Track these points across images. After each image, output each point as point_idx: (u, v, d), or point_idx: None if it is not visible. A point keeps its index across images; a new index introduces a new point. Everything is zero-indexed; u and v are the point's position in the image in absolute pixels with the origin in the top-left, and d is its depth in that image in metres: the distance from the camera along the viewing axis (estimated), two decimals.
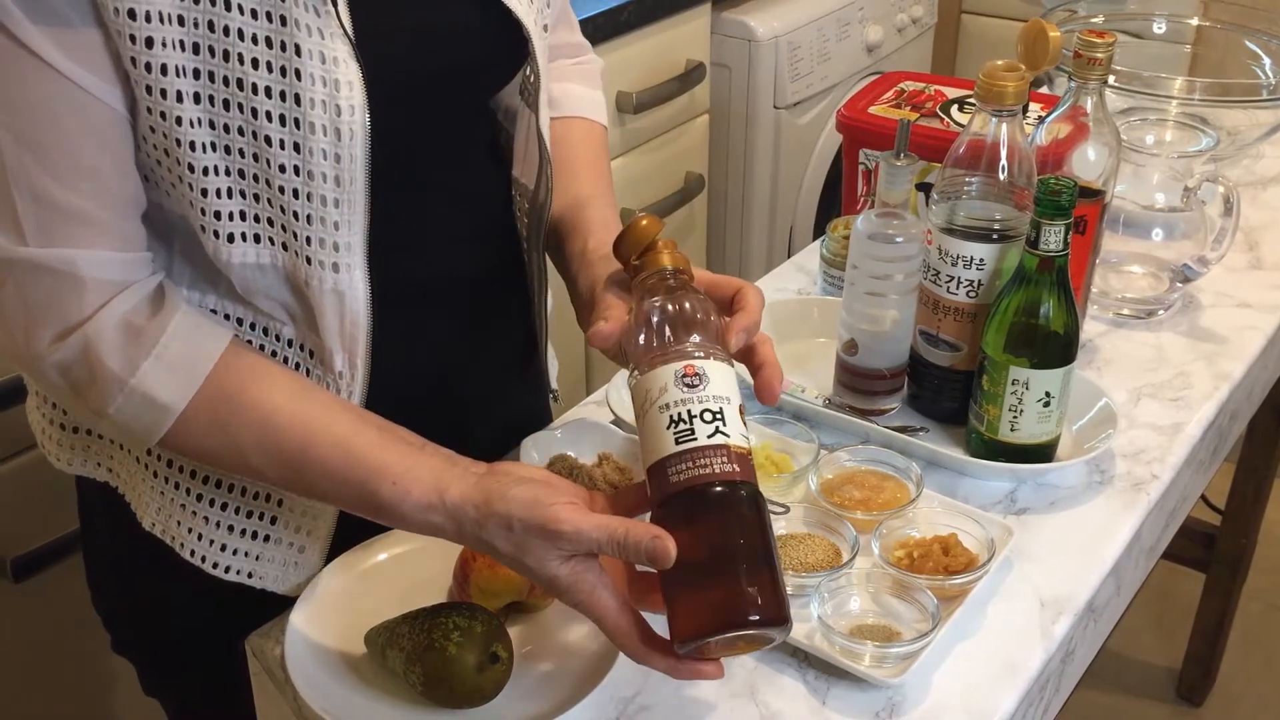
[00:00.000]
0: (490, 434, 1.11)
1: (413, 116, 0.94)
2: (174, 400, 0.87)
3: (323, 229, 0.88)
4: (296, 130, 0.85)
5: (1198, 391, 1.26)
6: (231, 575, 1.01)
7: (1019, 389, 1.08)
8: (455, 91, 0.99)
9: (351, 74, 0.85)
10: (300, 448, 0.87)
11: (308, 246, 0.89)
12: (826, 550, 1.01)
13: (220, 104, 0.84)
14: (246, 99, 0.84)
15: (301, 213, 0.87)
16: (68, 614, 1.56)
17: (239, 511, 1.00)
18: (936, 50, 2.90)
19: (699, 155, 2.36)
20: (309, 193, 0.87)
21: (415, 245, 0.99)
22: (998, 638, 0.97)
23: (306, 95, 0.84)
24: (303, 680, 0.90)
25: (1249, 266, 1.49)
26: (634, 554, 0.79)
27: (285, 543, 1.01)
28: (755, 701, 0.92)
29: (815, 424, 1.18)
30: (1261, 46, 1.80)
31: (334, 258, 0.90)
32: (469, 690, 0.88)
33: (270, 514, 1.00)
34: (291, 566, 1.02)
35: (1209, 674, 2.28)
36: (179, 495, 1.00)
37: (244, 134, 0.85)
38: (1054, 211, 1.04)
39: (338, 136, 0.86)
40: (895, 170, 1.11)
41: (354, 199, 0.88)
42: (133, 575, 1.11)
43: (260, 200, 0.87)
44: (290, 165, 0.86)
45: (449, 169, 1.02)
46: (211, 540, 1.00)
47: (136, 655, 1.18)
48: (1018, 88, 1.08)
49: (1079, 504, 1.11)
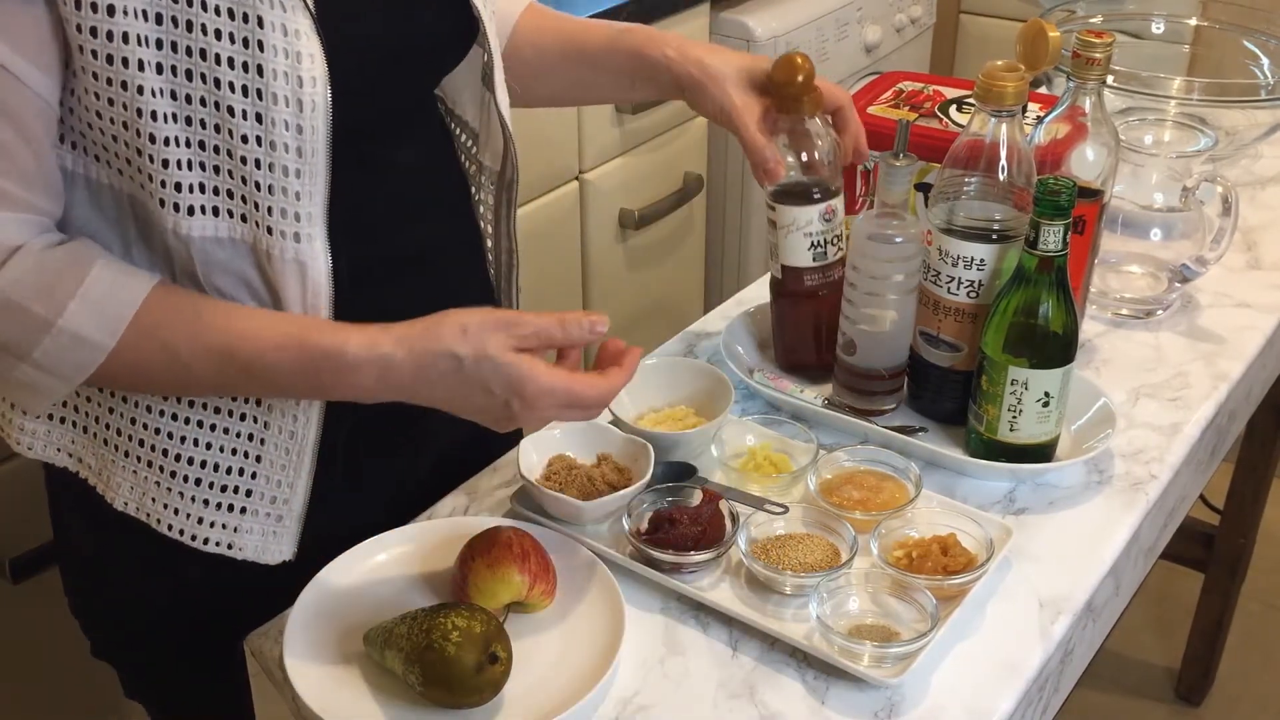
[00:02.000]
0: None
1: (370, 92, 0.95)
2: (103, 339, 0.88)
3: (284, 199, 0.89)
4: (259, 101, 0.86)
5: (1196, 391, 1.26)
6: (211, 546, 1.01)
7: (1018, 389, 1.08)
8: (411, 69, 1.02)
9: (313, 47, 0.87)
10: (234, 336, 0.90)
11: (269, 216, 0.90)
12: (825, 550, 1.01)
13: (183, 74, 0.85)
14: (210, 69, 0.85)
15: (263, 183, 0.89)
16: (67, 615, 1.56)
17: (213, 486, 1.00)
18: (935, 50, 2.90)
19: (697, 156, 2.36)
20: (270, 163, 0.88)
21: (374, 223, 1.00)
22: (997, 638, 0.97)
23: (269, 66, 0.85)
24: (301, 681, 0.90)
25: (1247, 266, 1.49)
26: (575, 329, 0.90)
27: (262, 513, 1.01)
28: (754, 701, 0.92)
29: (814, 424, 1.18)
30: (1260, 46, 1.80)
31: (295, 227, 0.91)
32: (468, 690, 0.88)
33: (245, 487, 1.00)
34: (270, 536, 1.02)
35: (1208, 674, 2.28)
36: (151, 473, 1.00)
37: (206, 104, 0.86)
38: (1053, 211, 1.04)
39: (300, 107, 0.87)
40: (894, 170, 1.11)
41: (315, 170, 0.90)
42: (108, 578, 1.11)
43: (221, 172, 0.88)
44: (252, 136, 0.87)
45: (404, 147, 1.04)
46: (188, 514, 1.00)
47: (115, 659, 1.18)
48: (1017, 88, 1.08)
49: (1078, 504, 1.11)
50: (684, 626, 0.98)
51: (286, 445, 0.99)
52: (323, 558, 1.00)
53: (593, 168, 2.12)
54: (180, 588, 1.06)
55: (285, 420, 0.98)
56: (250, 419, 0.98)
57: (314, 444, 0.99)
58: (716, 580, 1.01)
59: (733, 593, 1.00)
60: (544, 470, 1.09)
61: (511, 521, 1.03)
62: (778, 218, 1.18)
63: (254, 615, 0.99)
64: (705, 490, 1.05)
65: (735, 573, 1.02)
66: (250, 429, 0.99)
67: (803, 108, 1.14)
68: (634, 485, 1.05)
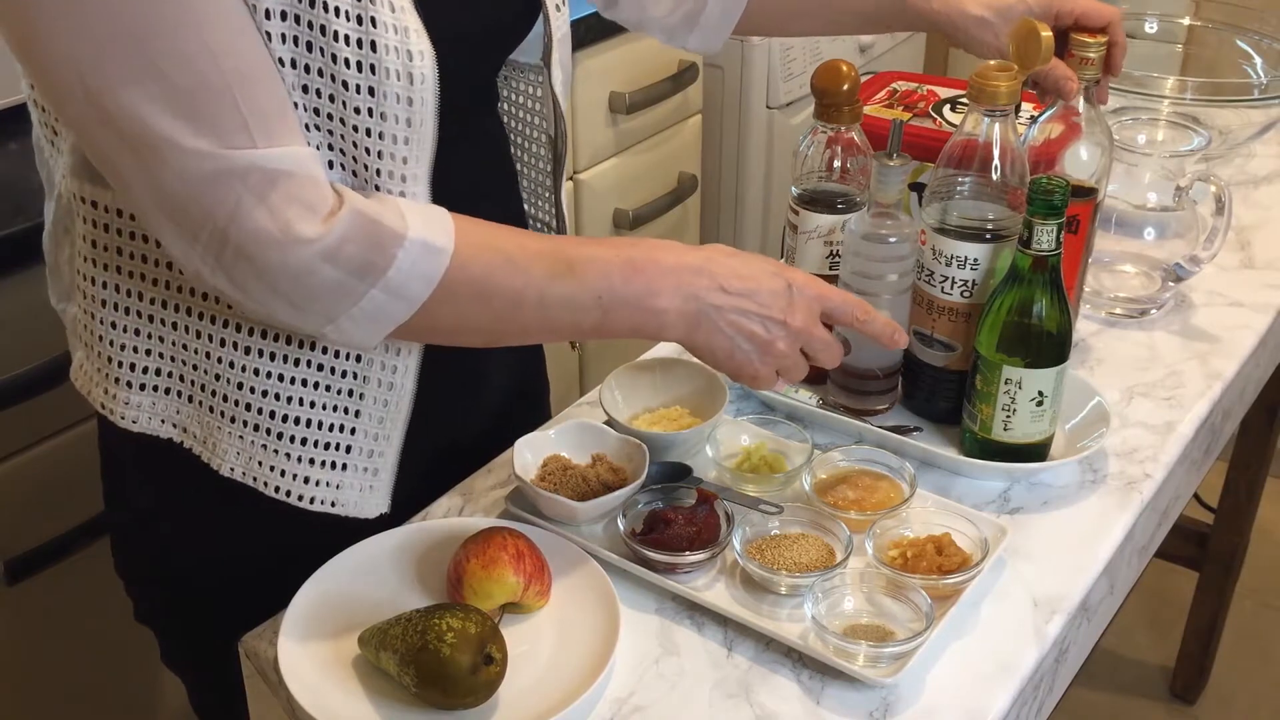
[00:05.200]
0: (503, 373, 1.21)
1: (458, 71, 0.97)
2: (446, 242, 0.91)
3: (392, 163, 0.92)
4: (372, 75, 0.89)
5: (1190, 390, 1.26)
6: (317, 505, 1.03)
7: (1012, 388, 1.08)
8: (482, 49, 1.07)
9: (417, 23, 0.91)
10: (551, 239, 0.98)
11: (377, 177, 0.93)
12: (820, 550, 1.01)
13: (304, 46, 0.87)
14: (328, 44, 0.87)
15: (374, 149, 0.91)
16: (62, 617, 1.56)
17: (316, 445, 1.02)
18: (929, 50, 2.91)
19: (692, 155, 2.36)
20: (381, 131, 0.91)
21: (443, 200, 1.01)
22: (991, 637, 0.98)
23: (381, 42, 0.88)
24: (296, 682, 0.90)
25: (1241, 265, 1.50)
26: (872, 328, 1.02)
27: (359, 468, 1.04)
28: (749, 702, 0.92)
29: (809, 424, 1.18)
30: (1253, 46, 1.80)
31: (401, 187, 0.93)
32: (463, 691, 0.88)
33: (345, 443, 1.02)
34: (367, 490, 1.04)
35: (1202, 672, 2.29)
36: (259, 436, 1.01)
37: (323, 75, 0.89)
38: (1047, 211, 1.04)
39: (410, 81, 0.90)
40: (888, 170, 1.11)
41: (423, 138, 0.93)
42: (163, 539, 1.13)
43: (334, 135, 0.91)
44: (365, 108, 0.90)
45: (472, 125, 1.09)
46: (294, 474, 1.02)
47: (160, 623, 1.19)
48: (1010, 87, 1.08)
49: (1072, 503, 1.11)
50: (679, 627, 0.99)
51: (385, 397, 1.02)
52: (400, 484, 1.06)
53: (587, 168, 2.12)
54: (234, 550, 1.09)
55: (385, 373, 1.01)
56: (350, 374, 1.01)
57: (410, 394, 1.03)
58: (711, 580, 1.01)
59: (728, 593, 1.00)
60: (539, 471, 1.09)
61: (506, 522, 1.03)
62: (800, 222, 1.19)
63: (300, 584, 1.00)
64: (700, 490, 1.05)
65: (730, 573, 1.02)
66: (350, 384, 1.01)
67: (844, 117, 1.15)
68: (629, 486, 1.05)
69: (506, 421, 1.20)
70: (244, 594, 1.04)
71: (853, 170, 1.17)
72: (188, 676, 1.23)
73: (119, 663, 1.64)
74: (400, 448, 1.05)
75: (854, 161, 1.17)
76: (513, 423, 1.17)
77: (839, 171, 1.17)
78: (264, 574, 1.03)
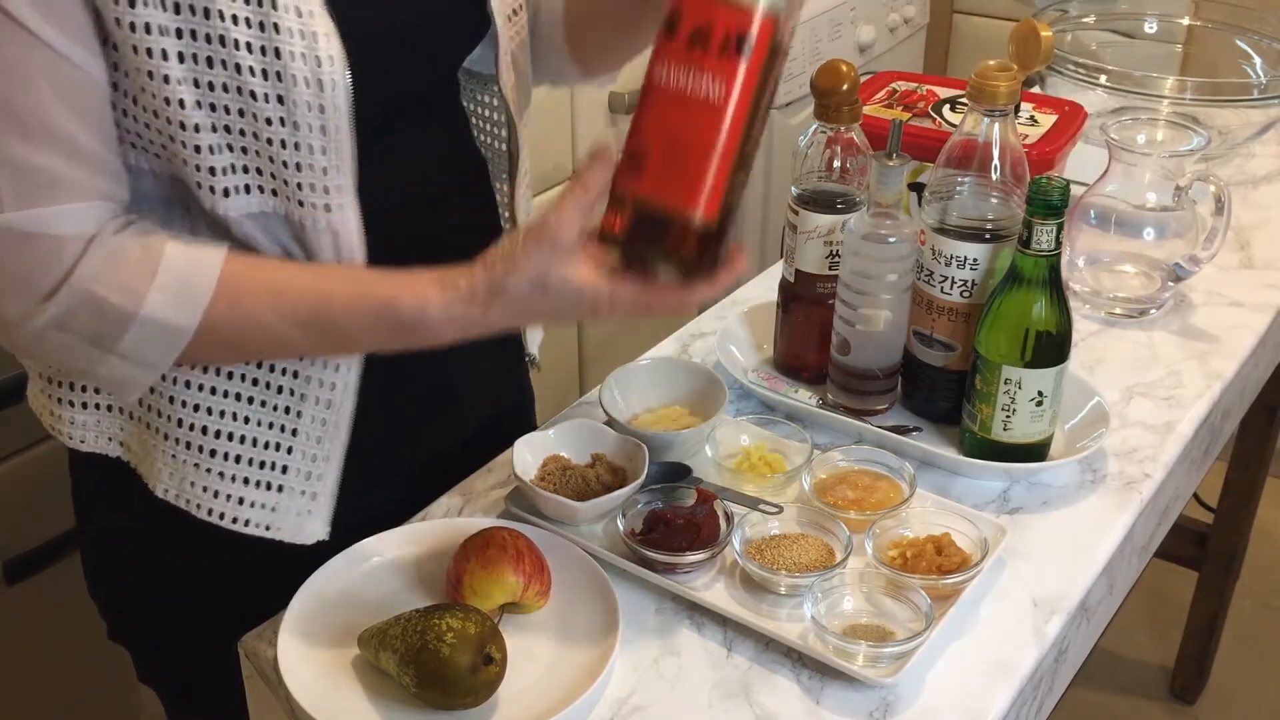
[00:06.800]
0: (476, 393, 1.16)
1: (386, 74, 0.95)
2: (187, 322, 0.88)
3: (312, 174, 0.91)
4: (279, 83, 0.87)
5: (1190, 390, 1.26)
6: (250, 529, 1.02)
7: (1012, 388, 1.08)
8: (424, 51, 1.02)
9: (326, 26, 0.88)
10: (319, 300, 0.91)
11: (299, 191, 0.91)
12: (820, 550, 1.01)
13: (204, 61, 0.85)
14: (229, 55, 0.85)
15: (290, 161, 0.90)
16: (61, 617, 1.56)
17: (251, 463, 1.00)
18: (928, 50, 2.90)
19: None
20: (296, 142, 0.89)
21: (394, 205, 1.00)
22: (991, 637, 0.98)
23: (285, 49, 0.86)
24: (296, 682, 0.90)
25: (1240, 265, 1.50)
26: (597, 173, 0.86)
27: (297, 491, 1.02)
28: (749, 702, 0.92)
29: (809, 424, 1.18)
30: (1252, 46, 1.80)
31: (325, 199, 0.92)
32: (463, 691, 0.88)
33: (281, 463, 1.01)
34: (305, 515, 1.03)
35: (1202, 672, 2.29)
36: (191, 455, 1.00)
37: (228, 90, 0.86)
38: (1046, 211, 1.04)
39: (320, 87, 0.88)
40: (888, 170, 1.11)
41: (340, 145, 0.91)
42: (132, 557, 1.11)
43: (249, 152, 0.89)
44: (275, 117, 0.88)
45: (424, 130, 1.04)
46: (228, 495, 1.01)
47: (132, 642, 1.18)
48: (1010, 87, 1.08)
49: (1072, 503, 1.11)
50: (679, 627, 0.99)
51: (324, 416, 1.00)
52: (340, 546, 1.01)
53: None
54: (204, 567, 1.06)
55: (323, 390, 0.99)
56: (286, 390, 0.99)
57: (349, 413, 1.01)
58: (711, 580, 1.01)
59: (727, 593, 1.00)
60: (538, 471, 1.09)
61: (506, 522, 1.03)
62: (799, 222, 1.19)
63: (275, 603, 0.99)
64: (700, 490, 1.05)
65: (730, 573, 1.02)
66: (286, 401, 1.00)
67: (843, 116, 1.15)
68: (628, 486, 1.05)
69: (491, 426, 1.18)
70: (215, 610, 1.04)
71: (852, 170, 1.17)
72: (163, 693, 1.22)
73: (119, 663, 1.64)
74: (340, 472, 1.02)
75: (853, 161, 1.17)
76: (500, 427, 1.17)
77: (839, 171, 1.17)
78: (233, 589, 1.02)
